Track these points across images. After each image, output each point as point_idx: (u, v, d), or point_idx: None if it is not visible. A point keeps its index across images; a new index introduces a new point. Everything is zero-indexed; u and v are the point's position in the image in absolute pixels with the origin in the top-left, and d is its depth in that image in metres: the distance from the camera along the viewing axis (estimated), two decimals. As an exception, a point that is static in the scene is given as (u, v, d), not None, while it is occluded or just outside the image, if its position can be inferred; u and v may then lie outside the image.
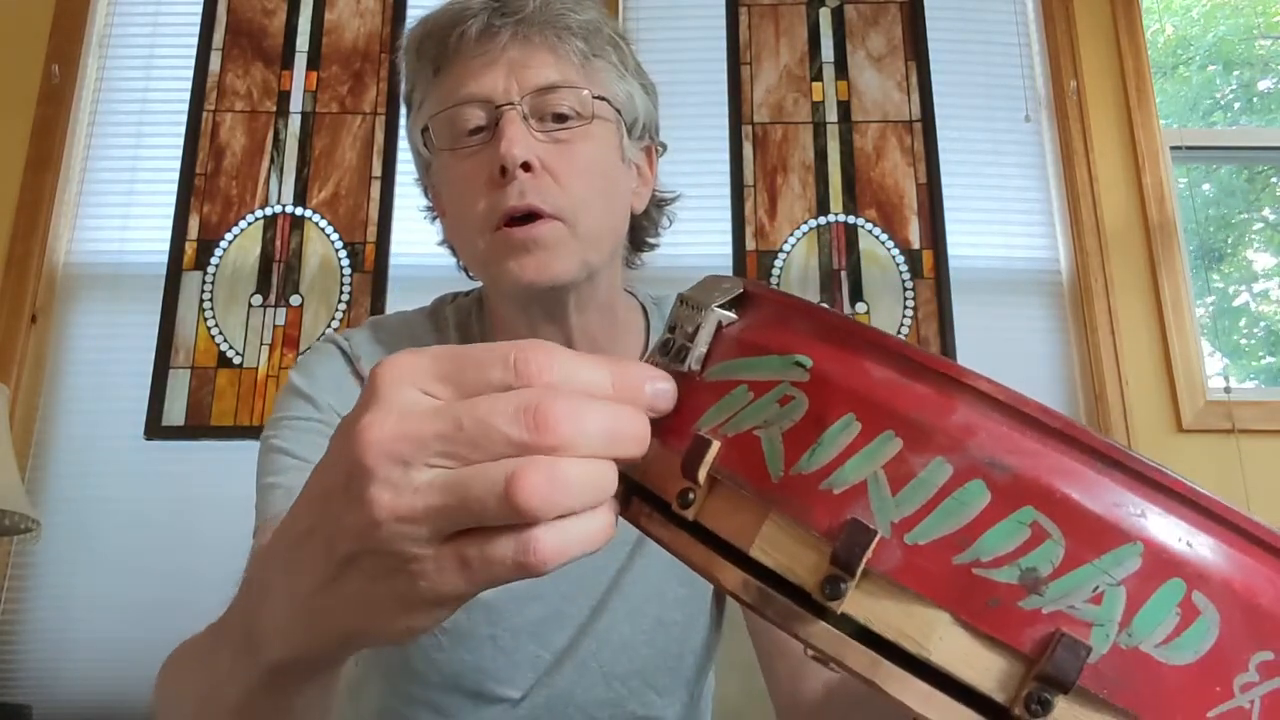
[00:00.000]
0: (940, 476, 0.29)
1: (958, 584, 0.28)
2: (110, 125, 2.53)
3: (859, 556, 0.29)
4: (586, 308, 0.86)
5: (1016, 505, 0.28)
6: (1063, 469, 0.28)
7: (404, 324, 0.94)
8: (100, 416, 2.31)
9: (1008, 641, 0.28)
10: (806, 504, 0.31)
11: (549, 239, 0.79)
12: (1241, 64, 3.73)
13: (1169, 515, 0.28)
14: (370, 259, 2.41)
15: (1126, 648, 0.27)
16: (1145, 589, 0.27)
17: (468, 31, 0.80)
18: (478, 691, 0.82)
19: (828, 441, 0.31)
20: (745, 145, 2.49)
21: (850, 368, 0.32)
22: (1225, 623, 0.27)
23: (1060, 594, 0.28)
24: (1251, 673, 0.27)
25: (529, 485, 0.33)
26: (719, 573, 0.33)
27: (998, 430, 0.29)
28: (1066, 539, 0.28)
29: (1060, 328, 2.40)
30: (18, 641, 2.18)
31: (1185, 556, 0.28)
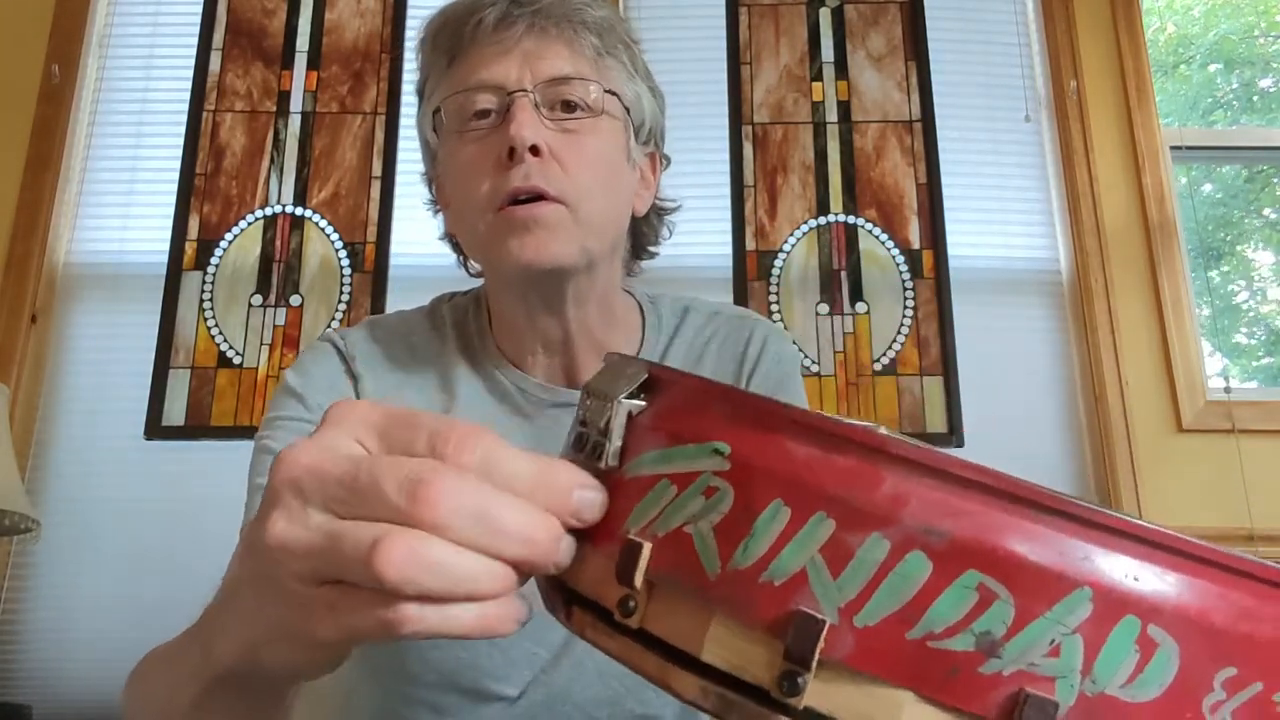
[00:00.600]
0: (879, 553, 0.29)
1: (915, 660, 0.28)
2: (110, 125, 2.53)
3: (811, 648, 0.29)
4: (585, 301, 0.86)
5: (959, 570, 0.28)
6: (999, 525, 0.28)
7: (401, 323, 0.94)
8: (100, 416, 2.31)
9: (974, 710, 0.28)
10: (749, 599, 0.30)
11: (550, 219, 0.79)
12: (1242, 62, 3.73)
13: (1112, 554, 0.28)
14: (370, 259, 2.41)
15: (1093, 695, 0.27)
16: (1101, 632, 0.27)
17: (485, 20, 0.81)
18: (474, 690, 0.82)
19: (760, 531, 0.30)
20: (745, 145, 2.49)
21: (770, 449, 0.31)
22: (1185, 650, 0.27)
23: (1018, 653, 0.27)
24: (1218, 692, 0.27)
25: (386, 554, 0.33)
26: (675, 682, 0.32)
27: (929, 496, 0.29)
28: (1015, 596, 0.27)
29: (1060, 328, 2.40)
30: (18, 641, 2.18)
31: (1135, 592, 0.27)
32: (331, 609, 0.36)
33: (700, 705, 0.31)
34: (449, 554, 0.34)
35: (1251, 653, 0.28)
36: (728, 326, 0.96)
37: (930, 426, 2.28)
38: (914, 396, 2.31)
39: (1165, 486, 2.24)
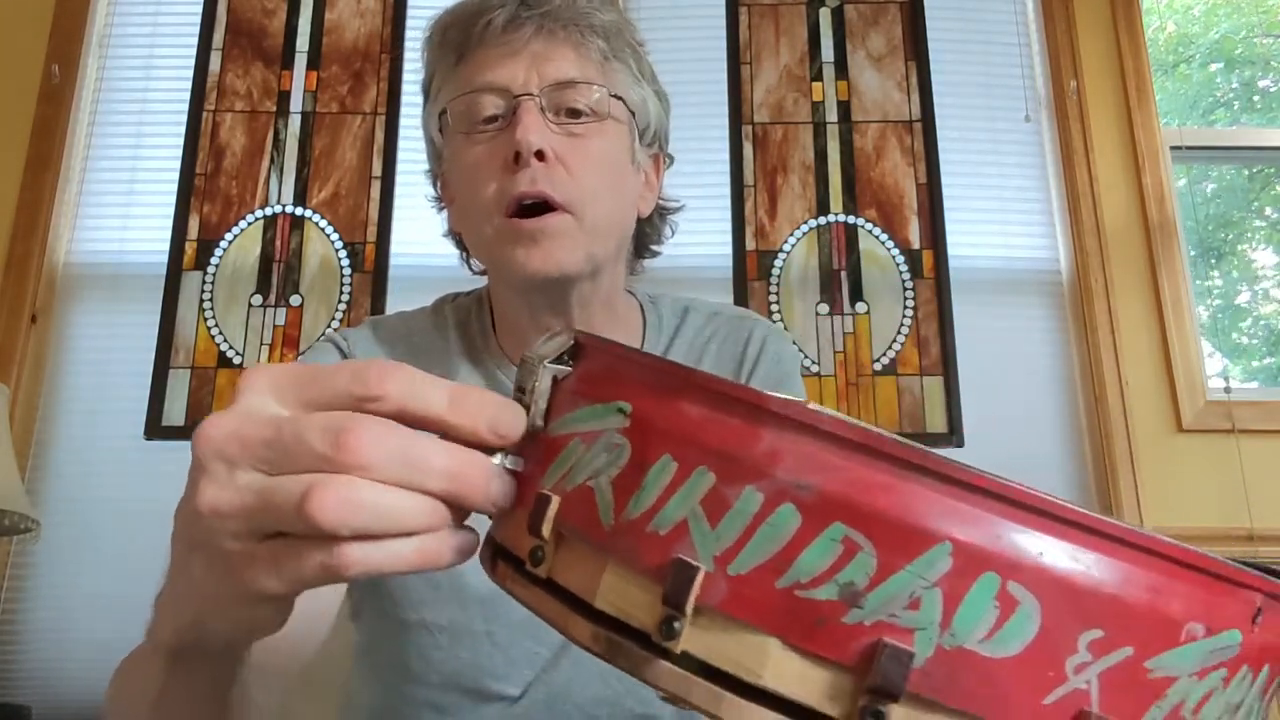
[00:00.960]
0: (753, 505, 0.29)
1: (782, 608, 0.29)
2: (110, 125, 2.53)
3: (686, 594, 0.30)
4: (590, 303, 0.86)
5: (826, 523, 0.28)
6: (865, 480, 0.29)
7: (404, 323, 0.94)
8: (100, 416, 2.31)
9: (835, 658, 0.28)
10: (637, 548, 0.31)
11: (556, 230, 0.80)
12: (1243, 62, 3.73)
13: (974, 511, 0.28)
14: (370, 259, 2.41)
15: (950, 648, 0.27)
16: (960, 587, 0.27)
17: (494, 21, 0.82)
18: (476, 689, 0.82)
19: (650, 484, 0.31)
20: (745, 145, 2.49)
21: (666, 409, 0.32)
22: (1046, 608, 0.27)
23: (879, 604, 0.28)
24: (1083, 653, 0.28)
25: (319, 501, 0.34)
26: (570, 627, 0.34)
27: (802, 451, 0.29)
28: (877, 549, 0.28)
29: (1060, 328, 2.40)
30: (18, 641, 2.18)
31: (995, 550, 0.28)
32: (274, 562, 0.37)
33: (592, 649, 0.33)
34: (378, 492, 0.35)
35: (1121, 617, 0.28)
36: (728, 327, 0.96)
37: (930, 426, 2.28)
38: (914, 396, 2.31)
39: (1165, 486, 2.24)
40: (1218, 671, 0.29)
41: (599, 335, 0.38)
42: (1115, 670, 0.28)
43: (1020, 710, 0.28)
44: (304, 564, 0.36)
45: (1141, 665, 0.28)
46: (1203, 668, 0.29)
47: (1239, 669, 0.30)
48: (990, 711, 0.28)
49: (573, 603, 0.34)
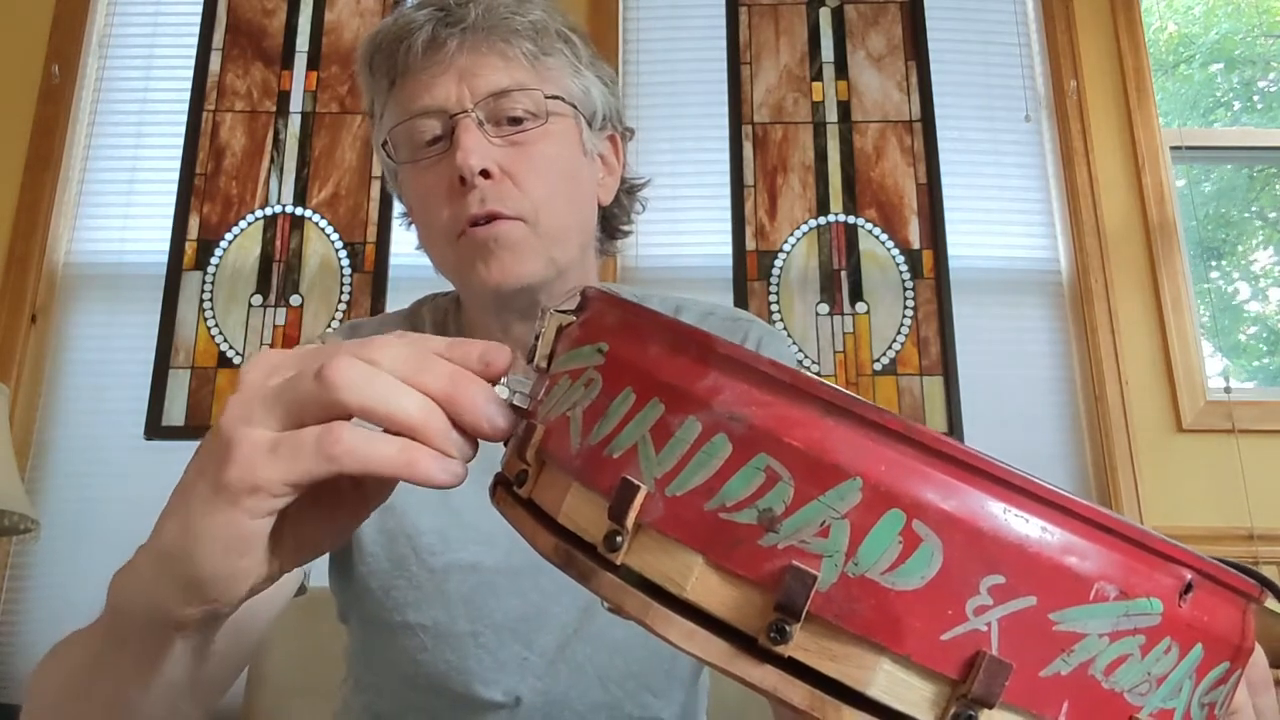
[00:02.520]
0: (692, 433, 0.32)
1: (708, 528, 0.31)
2: (110, 125, 2.53)
3: (627, 511, 0.33)
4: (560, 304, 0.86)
5: (753, 453, 0.31)
6: (790, 417, 0.31)
7: (383, 325, 0.95)
8: (100, 416, 2.31)
9: (749, 576, 0.31)
10: (595, 470, 0.35)
11: (510, 237, 0.80)
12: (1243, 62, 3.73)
13: (888, 453, 0.30)
14: (370, 259, 2.41)
15: (854, 576, 0.29)
16: (867, 520, 0.29)
17: (414, 45, 0.80)
18: (465, 695, 0.81)
19: (612, 413, 0.35)
20: (745, 145, 2.49)
21: (634, 347, 0.36)
22: (948, 549, 0.29)
23: (792, 530, 0.30)
24: (984, 596, 0.29)
25: (335, 365, 0.40)
26: (537, 540, 0.37)
27: (739, 388, 0.32)
28: (795, 479, 0.30)
29: (1060, 328, 2.40)
30: (18, 641, 2.18)
31: (903, 489, 0.29)
32: (274, 449, 0.40)
33: (552, 560, 0.36)
34: (385, 377, 0.40)
35: (1024, 566, 0.29)
36: (721, 328, 0.95)
37: (930, 426, 2.27)
38: (914, 396, 2.31)
39: (1165, 486, 2.24)
40: (1133, 637, 0.30)
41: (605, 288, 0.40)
42: (1017, 617, 0.29)
43: (917, 642, 0.29)
44: (301, 445, 0.40)
45: (1046, 617, 0.29)
46: (1115, 630, 0.30)
47: (1160, 640, 0.30)
48: (888, 639, 0.29)
49: (543, 519, 0.38)
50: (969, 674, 0.29)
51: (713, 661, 0.31)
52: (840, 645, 0.30)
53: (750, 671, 0.30)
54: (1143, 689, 0.30)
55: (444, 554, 0.81)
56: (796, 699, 0.30)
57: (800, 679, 0.30)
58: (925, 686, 0.29)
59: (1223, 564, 0.34)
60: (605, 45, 2.53)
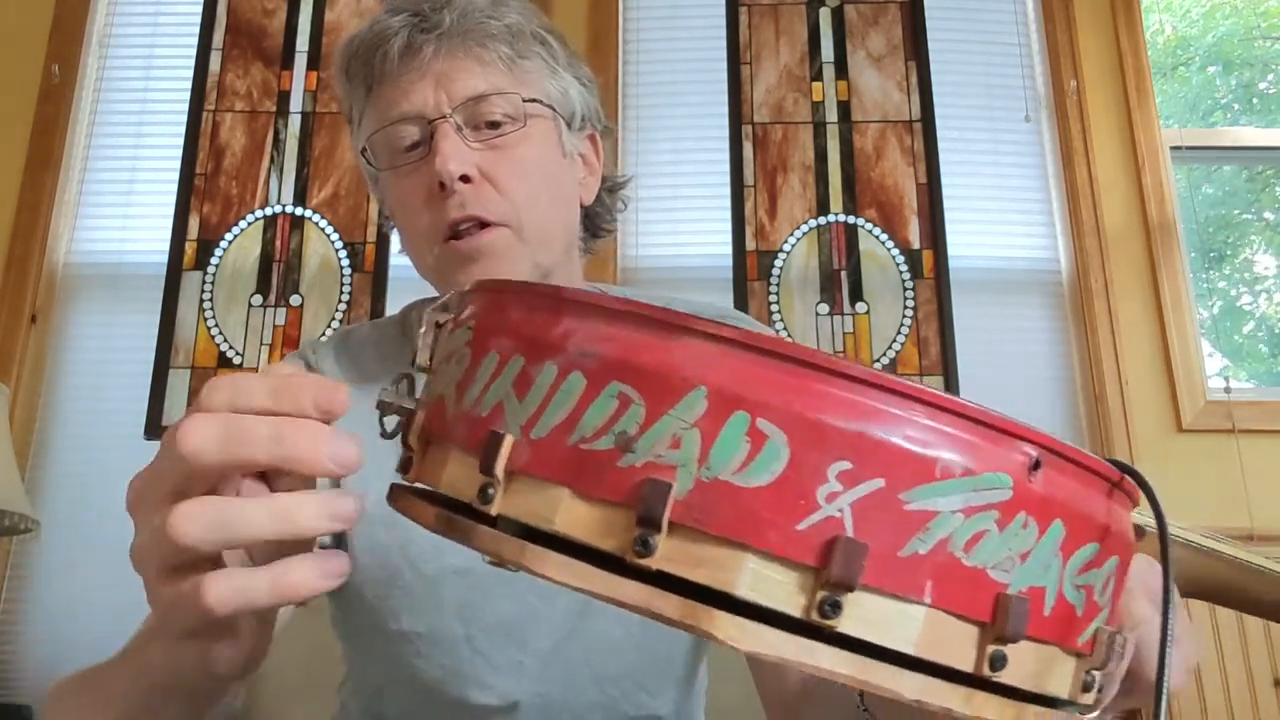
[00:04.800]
0: (550, 377, 0.34)
1: (572, 461, 0.33)
2: (110, 125, 2.53)
3: (494, 459, 0.34)
4: None
5: (605, 383, 0.32)
6: (636, 343, 0.33)
7: (373, 331, 0.94)
8: (100, 416, 2.31)
9: (612, 499, 0.32)
10: (467, 432, 0.36)
11: (494, 246, 0.79)
12: (1241, 64, 3.73)
13: (727, 360, 0.31)
14: (370, 259, 2.41)
15: (708, 480, 0.30)
16: (714, 426, 0.30)
17: (390, 51, 0.80)
18: (461, 700, 0.81)
19: (479, 378, 0.37)
20: (745, 145, 2.49)
21: (496, 315, 0.38)
22: (794, 441, 0.30)
23: (647, 447, 0.31)
24: (833, 483, 0.30)
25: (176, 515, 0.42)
26: (420, 515, 0.38)
27: (589, 328, 0.34)
28: (646, 400, 0.32)
29: (1060, 328, 2.40)
30: (18, 641, 2.18)
31: (745, 391, 0.31)
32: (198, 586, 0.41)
33: (437, 530, 0.37)
34: (204, 508, 0.42)
35: (867, 450, 0.30)
36: None
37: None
38: (914, 396, 2.31)
39: (1165, 486, 2.21)
40: (987, 513, 0.31)
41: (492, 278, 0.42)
42: (868, 500, 0.30)
43: (776, 535, 0.30)
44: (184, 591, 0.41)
45: (896, 497, 0.30)
46: (967, 506, 0.30)
47: (1014, 515, 0.31)
48: (748, 537, 0.30)
49: (428, 496, 0.39)
50: (829, 559, 0.30)
51: (587, 588, 0.32)
52: (704, 549, 0.30)
53: (622, 590, 0.31)
54: (1006, 565, 0.31)
55: (436, 560, 0.81)
56: (669, 610, 0.30)
57: (674, 591, 0.31)
58: (789, 578, 0.30)
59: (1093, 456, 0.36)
60: (605, 45, 2.53)
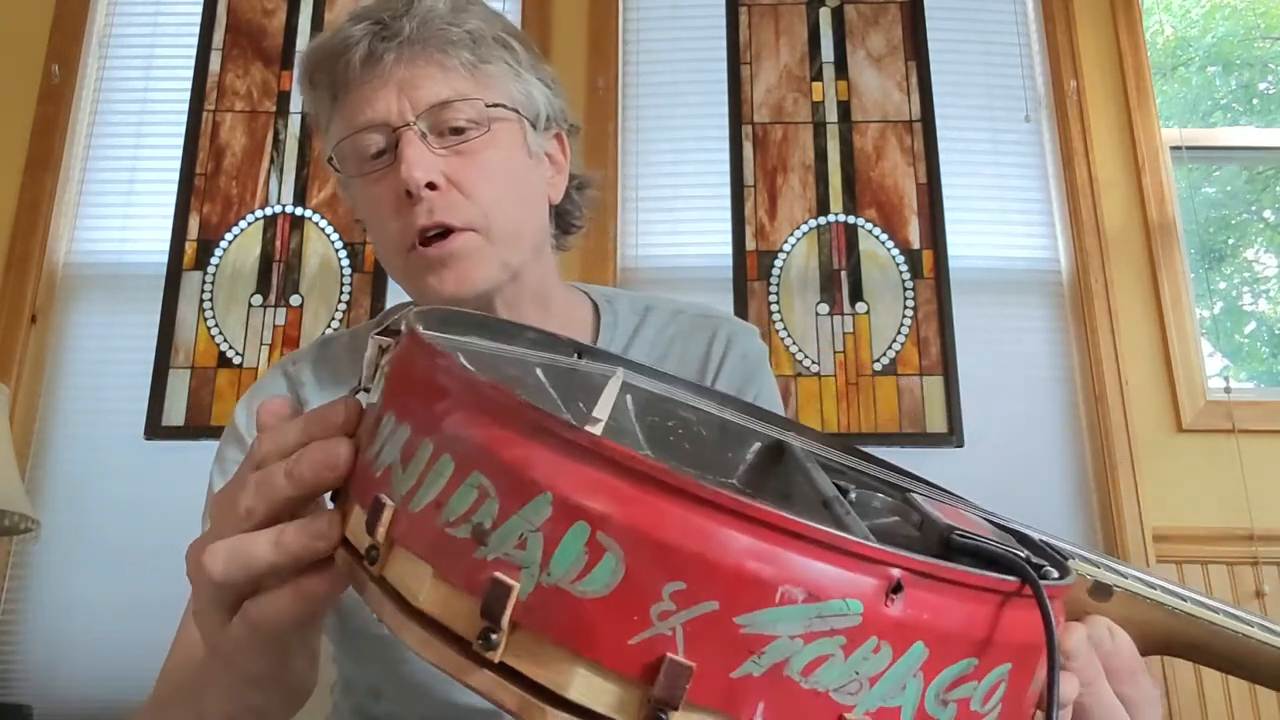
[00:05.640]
0: (427, 454, 0.35)
1: (438, 543, 0.34)
2: (110, 125, 2.53)
3: (377, 524, 0.36)
4: (518, 303, 0.86)
5: (469, 471, 0.33)
6: (499, 438, 0.33)
7: (353, 338, 0.95)
8: (100, 416, 2.30)
9: (465, 587, 0.33)
10: (362, 488, 0.38)
11: (463, 251, 0.80)
12: (1241, 65, 3.73)
13: (575, 466, 0.32)
14: (370, 259, 2.41)
15: (548, 586, 0.31)
16: (557, 533, 0.31)
17: (352, 60, 0.80)
18: (447, 700, 0.81)
19: (381, 433, 0.38)
20: (745, 145, 2.49)
21: (403, 378, 0.39)
22: (630, 557, 0.30)
23: (499, 543, 0.32)
24: (666, 602, 0.30)
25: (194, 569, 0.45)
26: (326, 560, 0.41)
27: (463, 412, 0.35)
28: (500, 497, 0.32)
29: (1060, 328, 2.40)
30: (18, 641, 2.17)
31: (588, 502, 0.31)
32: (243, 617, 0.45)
33: (340, 570, 0.40)
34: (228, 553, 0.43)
35: (704, 572, 0.30)
36: (691, 325, 0.96)
37: (930, 426, 2.28)
38: (914, 396, 2.31)
39: (1165, 486, 2.24)
40: (832, 638, 0.30)
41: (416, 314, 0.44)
42: (700, 621, 0.30)
43: (607, 647, 0.30)
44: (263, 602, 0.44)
45: (730, 620, 0.30)
46: (808, 632, 0.30)
47: (864, 640, 0.30)
48: (580, 646, 0.31)
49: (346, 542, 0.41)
50: (654, 677, 0.30)
51: (442, 667, 0.33)
52: (543, 650, 0.31)
53: (470, 675, 0.32)
54: (852, 688, 0.31)
55: None
56: (509, 702, 0.31)
57: (515, 684, 0.32)
58: (617, 690, 0.31)
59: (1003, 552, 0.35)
60: (605, 45, 2.53)
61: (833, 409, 2.30)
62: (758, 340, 0.98)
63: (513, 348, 0.55)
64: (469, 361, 0.45)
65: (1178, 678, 2.11)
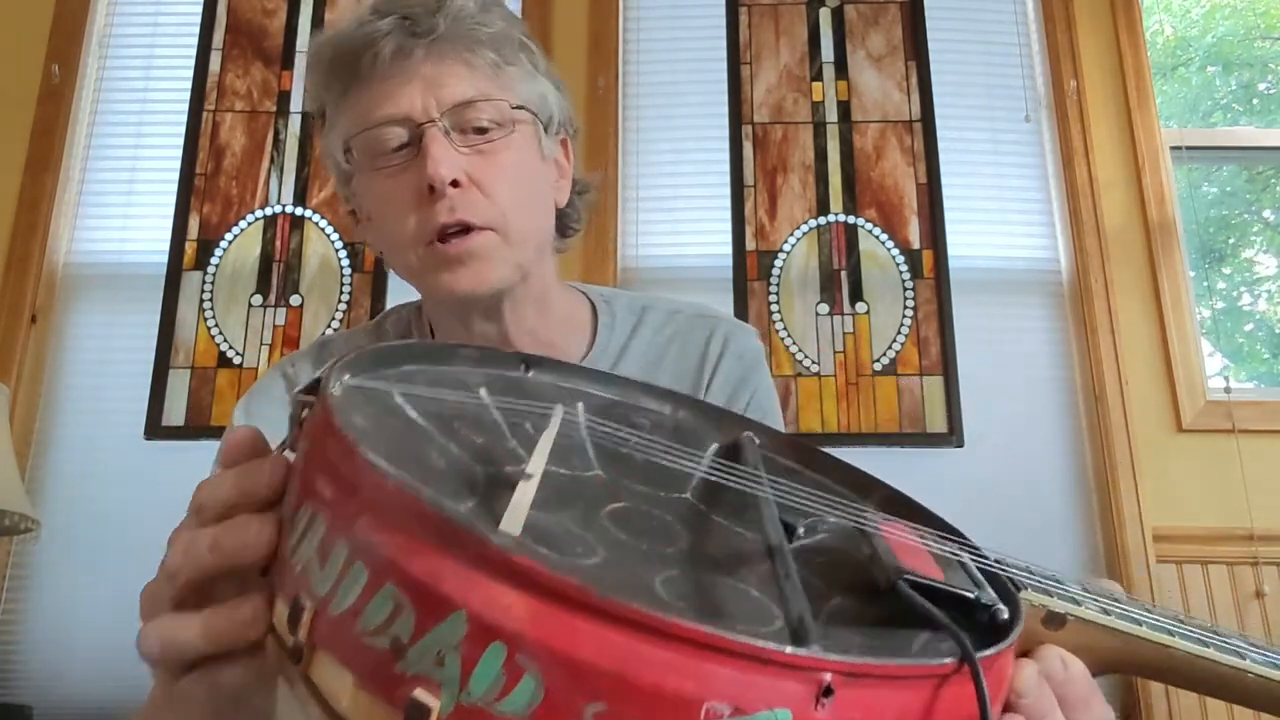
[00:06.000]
0: (342, 557, 0.34)
1: (358, 651, 0.32)
2: (110, 125, 2.53)
3: (298, 625, 0.35)
4: (522, 304, 0.87)
5: (383, 582, 0.32)
6: (411, 549, 0.32)
7: (349, 339, 0.96)
8: (100, 416, 2.31)
9: (386, 700, 0.32)
10: (283, 580, 0.37)
11: (482, 250, 0.80)
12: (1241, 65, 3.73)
13: (491, 585, 0.30)
14: (370, 259, 2.41)
15: (468, 705, 0.30)
16: (474, 653, 0.30)
17: (380, 53, 0.80)
18: None
19: (298, 524, 0.37)
20: (745, 145, 2.49)
21: (316, 462, 0.38)
22: (549, 679, 0.29)
23: (417, 659, 0.31)
24: None
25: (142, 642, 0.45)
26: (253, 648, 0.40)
27: (374, 514, 0.33)
28: (416, 611, 0.31)
29: (1060, 328, 2.40)
30: (18, 641, 2.17)
31: (504, 621, 0.30)
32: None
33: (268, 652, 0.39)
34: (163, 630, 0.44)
35: (626, 693, 0.29)
36: (688, 325, 0.96)
37: (930, 426, 2.28)
38: (914, 396, 2.31)
39: (1165, 486, 2.24)
40: None
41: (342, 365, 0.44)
42: None
43: None
44: None
45: None
46: None
47: None
48: None
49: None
50: None
51: None
52: None
53: None
54: None
55: None
56: None
57: None
58: None
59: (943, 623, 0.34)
60: (605, 45, 2.53)
61: (833, 409, 2.30)
62: (755, 340, 0.99)
63: (453, 368, 0.53)
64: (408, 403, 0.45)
65: (1178, 678, 2.11)
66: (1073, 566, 2.22)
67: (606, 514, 0.42)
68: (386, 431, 0.42)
